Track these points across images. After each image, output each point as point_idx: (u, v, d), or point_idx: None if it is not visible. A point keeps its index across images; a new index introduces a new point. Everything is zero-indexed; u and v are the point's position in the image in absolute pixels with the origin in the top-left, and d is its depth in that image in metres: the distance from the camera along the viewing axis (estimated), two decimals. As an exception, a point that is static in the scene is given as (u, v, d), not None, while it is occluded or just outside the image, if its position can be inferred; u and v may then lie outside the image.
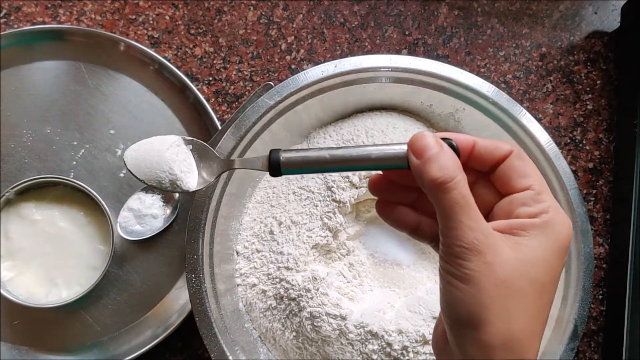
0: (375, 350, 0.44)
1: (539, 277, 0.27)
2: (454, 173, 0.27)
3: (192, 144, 0.37)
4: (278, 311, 0.46)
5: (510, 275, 0.26)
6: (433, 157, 0.28)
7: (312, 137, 0.52)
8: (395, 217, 0.33)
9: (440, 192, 0.27)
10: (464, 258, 0.27)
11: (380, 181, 0.33)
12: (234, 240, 0.50)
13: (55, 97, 0.55)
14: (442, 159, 0.28)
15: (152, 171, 0.36)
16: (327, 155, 0.30)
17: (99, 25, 0.57)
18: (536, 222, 0.28)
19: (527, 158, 0.30)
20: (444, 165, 0.27)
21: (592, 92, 0.58)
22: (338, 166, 0.31)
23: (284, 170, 0.31)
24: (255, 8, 0.58)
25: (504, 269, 0.26)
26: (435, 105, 0.51)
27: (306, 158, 0.31)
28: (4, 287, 0.48)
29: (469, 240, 0.27)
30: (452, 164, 0.28)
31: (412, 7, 0.59)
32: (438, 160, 0.28)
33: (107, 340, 0.52)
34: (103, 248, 0.50)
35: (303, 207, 0.48)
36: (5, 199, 0.49)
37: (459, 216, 0.27)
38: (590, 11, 0.60)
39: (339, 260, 0.49)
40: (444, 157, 0.28)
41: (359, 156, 0.30)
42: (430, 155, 0.28)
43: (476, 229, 0.27)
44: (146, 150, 0.37)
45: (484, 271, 0.26)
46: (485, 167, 0.30)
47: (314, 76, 0.47)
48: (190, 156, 0.37)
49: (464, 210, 0.27)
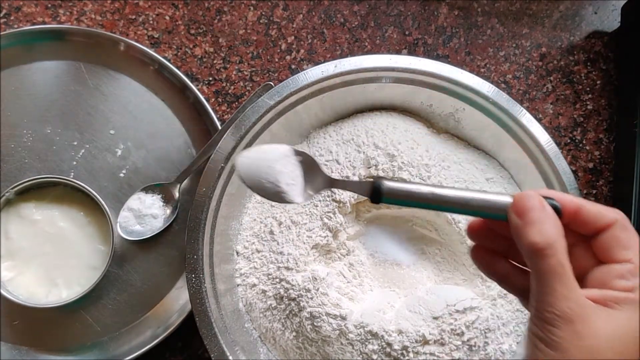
0: (375, 350, 0.44)
1: (627, 351, 0.27)
2: (554, 239, 0.27)
3: (301, 156, 0.37)
4: (278, 311, 0.46)
5: (598, 347, 0.26)
6: (535, 220, 0.27)
7: (312, 137, 0.52)
8: (488, 264, 0.33)
9: (538, 258, 0.27)
10: (555, 325, 0.26)
11: (479, 227, 0.33)
12: (234, 240, 0.50)
13: (56, 97, 0.55)
14: (544, 223, 0.27)
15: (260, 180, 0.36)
16: (429, 194, 0.31)
17: (99, 25, 0.57)
18: (631, 297, 0.27)
19: (631, 229, 0.29)
20: (545, 230, 0.27)
21: (592, 92, 0.58)
22: (436, 205, 0.31)
23: (384, 199, 0.32)
24: (255, 8, 0.58)
25: (594, 340, 0.26)
26: (435, 105, 0.51)
27: (409, 193, 0.31)
28: (4, 287, 0.48)
29: (561, 308, 0.26)
30: (554, 229, 0.27)
31: (412, 7, 0.59)
32: (540, 223, 0.27)
33: (107, 340, 0.52)
34: (103, 248, 0.50)
35: (303, 207, 0.48)
36: (6, 199, 0.49)
37: (555, 284, 0.27)
38: (590, 11, 0.60)
39: (339, 260, 0.49)
40: (546, 221, 0.27)
41: (460, 200, 0.30)
42: (532, 217, 0.27)
43: (570, 299, 0.27)
44: (257, 158, 0.37)
45: (574, 340, 0.26)
46: (587, 232, 0.30)
47: (314, 76, 0.47)
48: (298, 168, 0.37)
49: (560, 278, 0.27)
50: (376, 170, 0.47)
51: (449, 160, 0.49)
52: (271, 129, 0.48)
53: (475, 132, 0.51)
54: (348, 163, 0.48)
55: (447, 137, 0.52)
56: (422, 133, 0.50)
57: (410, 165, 0.47)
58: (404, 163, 0.47)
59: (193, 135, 0.55)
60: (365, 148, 0.48)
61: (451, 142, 0.52)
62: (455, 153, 0.50)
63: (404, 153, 0.48)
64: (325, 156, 0.49)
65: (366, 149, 0.48)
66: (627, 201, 0.52)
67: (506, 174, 0.51)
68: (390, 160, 0.47)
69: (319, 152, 0.50)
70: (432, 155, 0.48)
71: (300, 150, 0.37)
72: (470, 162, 0.50)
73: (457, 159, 0.50)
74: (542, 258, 0.27)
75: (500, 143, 0.50)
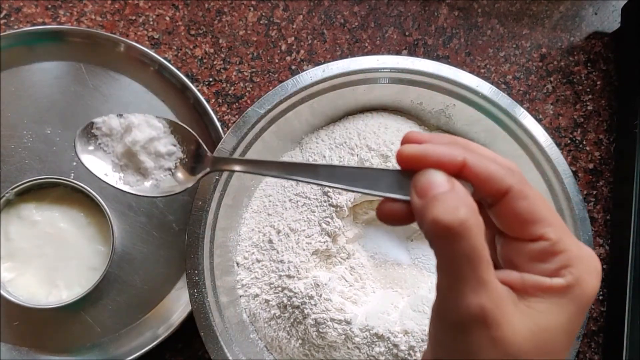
0: (382, 352, 0.44)
1: (555, 348, 0.22)
2: (466, 217, 0.21)
3: None
4: (282, 320, 0.46)
5: (519, 351, 0.21)
6: (439, 196, 0.22)
7: (304, 142, 0.52)
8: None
9: (444, 241, 0.21)
10: (465, 330, 0.21)
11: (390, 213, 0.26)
12: (233, 252, 0.49)
13: (56, 98, 0.55)
14: (452, 199, 0.22)
15: None
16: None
17: (99, 26, 0.57)
18: (556, 285, 0.22)
19: (532, 194, 0.23)
20: (451, 206, 0.21)
21: (592, 92, 0.58)
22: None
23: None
24: (255, 9, 0.58)
25: (514, 344, 0.21)
26: (426, 103, 0.51)
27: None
28: (4, 288, 0.48)
29: (473, 306, 0.21)
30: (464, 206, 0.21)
31: (412, 8, 0.59)
32: (446, 200, 0.22)
33: (107, 341, 0.52)
34: (103, 249, 0.50)
35: (300, 213, 0.47)
36: (6, 199, 0.49)
37: (466, 273, 0.21)
38: (591, 12, 0.60)
39: (339, 264, 0.48)
40: (454, 197, 0.22)
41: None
42: (436, 194, 0.22)
43: (484, 293, 0.21)
44: None
45: (489, 349, 0.21)
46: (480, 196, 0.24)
47: (303, 82, 0.47)
48: None
49: (472, 266, 0.21)
50: None
51: (442, 156, 0.49)
52: (263, 138, 0.48)
53: (467, 127, 0.51)
54: (341, 167, 0.48)
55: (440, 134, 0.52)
56: (414, 131, 0.51)
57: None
58: None
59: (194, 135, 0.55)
60: (358, 150, 0.48)
61: (443, 139, 0.52)
62: (448, 149, 0.51)
63: (397, 153, 0.48)
64: (319, 161, 0.49)
65: (359, 151, 0.48)
66: (627, 202, 0.52)
67: (500, 167, 0.51)
68: (384, 161, 0.48)
69: (313, 157, 0.50)
70: (424, 153, 0.48)
71: None
72: (463, 157, 0.50)
73: (450, 155, 0.50)
74: (449, 241, 0.21)
75: (493, 136, 0.50)
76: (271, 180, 0.51)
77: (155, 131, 0.40)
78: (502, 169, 0.23)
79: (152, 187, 0.40)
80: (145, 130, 0.39)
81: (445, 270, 0.22)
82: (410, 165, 0.24)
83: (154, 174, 0.40)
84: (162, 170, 0.40)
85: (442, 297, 0.22)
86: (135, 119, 0.39)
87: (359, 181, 0.26)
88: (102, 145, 0.40)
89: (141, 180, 0.40)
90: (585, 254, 0.23)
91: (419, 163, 0.23)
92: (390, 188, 0.25)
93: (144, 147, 0.39)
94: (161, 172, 0.40)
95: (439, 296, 0.23)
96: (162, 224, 0.54)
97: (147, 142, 0.39)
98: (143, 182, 0.40)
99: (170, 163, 0.40)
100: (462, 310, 0.21)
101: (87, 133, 0.40)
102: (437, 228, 0.21)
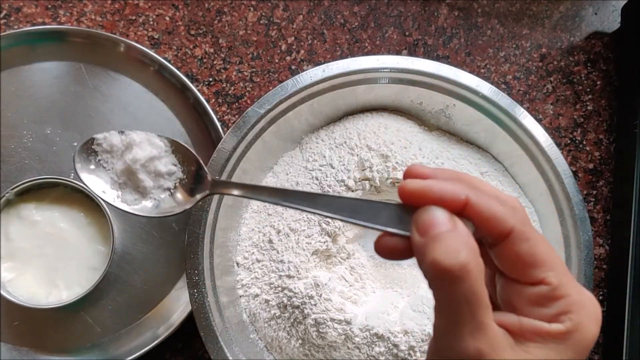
0: (383, 352, 0.44)
1: None
2: (466, 260, 0.21)
3: None
4: (282, 320, 0.46)
5: None
6: (440, 236, 0.22)
7: (304, 142, 0.52)
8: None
9: (444, 283, 0.21)
10: None
11: (387, 247, 0.26)
12: (233, 252, 0.49)
13: (56, 98, 0.55)
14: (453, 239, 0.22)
15: None
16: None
17: (99, 26, 0.57)
18: (554, 331, 0.22)
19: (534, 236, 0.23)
20: (452, 247, 0.21)
21: (592, 92, 0.58)
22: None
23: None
24: (255, 9, 0.58)
25: None
26: (426, 103, 0.51)
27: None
28: (4, 288, 0.48)
29: (471, 349, 0.21)
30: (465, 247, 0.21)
31: (412, 8, 0.59)
32: (447, 240, 0.22)
33: (107, 341, 0.52)
34: (103, 249, 0.50)
35: (300, 213, 0.47)
36: (6, 199, 0.49)
37: (464, 317, 0.21)
38: (591, 12, 0.60)
39: (339, 264, 0.48)
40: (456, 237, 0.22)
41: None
42: (437, 233, 0.22)
43: (482, 337, 0.21)
44: None
45: None
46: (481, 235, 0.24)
47: (303, 82, 0.47)
48: None
49: (471, 310, 0.21)
50: (370, 172, 0.47)
51: (443, 157, 0.49)
52: (263, 138, 0.48)
53: (467, 127, 0.51)
54: (342, 167, 0.48)
55: (439, 134, 0.52)
56: (414, 131, 0.51)
57: (404, 165, 0.47)
58: (398, 163, 0.47)
59: (193, 136, 0.55)
60: (358, 150, 0.48)
61: (443, 139, 0.52)
62: (448, 149, 0.51)
63: (397, 153, 0.48)
64: (319, 161, 0.49)
65: (359, 152, 0.48)
66: (627, 202, 0.52)
67: (500, 166, 0.52)
68: (384, 161, 0.48)
69: (312, 157, 0.50)
70: (425, 153, 0.48)
71: None
72: (464, 158, 0.50)
73: (450, 155, 0.50)
74: (449, 283, 0.21)
75: (493, 136, 0.50)
76: (271, 180, 0.51)
77: (156, 150, 0.40)
78: (505, 208, 0.23)
79: (150, 207, 0.40)
80: (146, 148, 0.39)
81: (443, 312, 0.22)
82: (413, 201, 0.24)
83: (153, 193, 0.40)
84: (161, 190, 0.40)
85: (439, 337, 0.22)
86: (137, 137, 0.39)
87: (358, 213, 0.26)
88: (102, 162, 0.40)
89: (139, 199, 0.40)
90: (586, 300, 0.23)
91: (421, 199, 0.23)
92: (390, 222, 0.25)
93: (144, 165, 0.39)
94: (160, 192, 0.40)
95: (436, 336, 0.23)
96: (162, 224, 0.54)
97: (148, 160, 0.39)
98: (141, 200, 0.40)
99: (169, 183, 0.40)
100: (459, 353, 0.21)
101: (87, 149, 0.39)
102: (437, 270, 0.21)
